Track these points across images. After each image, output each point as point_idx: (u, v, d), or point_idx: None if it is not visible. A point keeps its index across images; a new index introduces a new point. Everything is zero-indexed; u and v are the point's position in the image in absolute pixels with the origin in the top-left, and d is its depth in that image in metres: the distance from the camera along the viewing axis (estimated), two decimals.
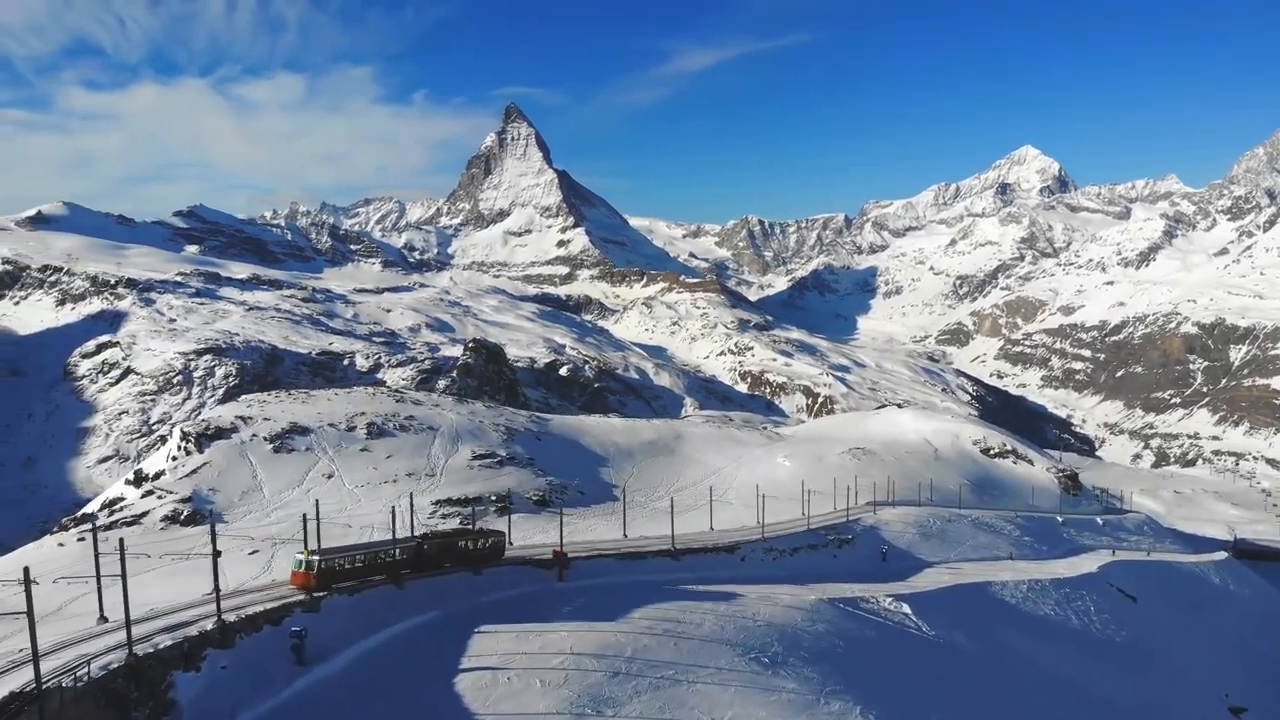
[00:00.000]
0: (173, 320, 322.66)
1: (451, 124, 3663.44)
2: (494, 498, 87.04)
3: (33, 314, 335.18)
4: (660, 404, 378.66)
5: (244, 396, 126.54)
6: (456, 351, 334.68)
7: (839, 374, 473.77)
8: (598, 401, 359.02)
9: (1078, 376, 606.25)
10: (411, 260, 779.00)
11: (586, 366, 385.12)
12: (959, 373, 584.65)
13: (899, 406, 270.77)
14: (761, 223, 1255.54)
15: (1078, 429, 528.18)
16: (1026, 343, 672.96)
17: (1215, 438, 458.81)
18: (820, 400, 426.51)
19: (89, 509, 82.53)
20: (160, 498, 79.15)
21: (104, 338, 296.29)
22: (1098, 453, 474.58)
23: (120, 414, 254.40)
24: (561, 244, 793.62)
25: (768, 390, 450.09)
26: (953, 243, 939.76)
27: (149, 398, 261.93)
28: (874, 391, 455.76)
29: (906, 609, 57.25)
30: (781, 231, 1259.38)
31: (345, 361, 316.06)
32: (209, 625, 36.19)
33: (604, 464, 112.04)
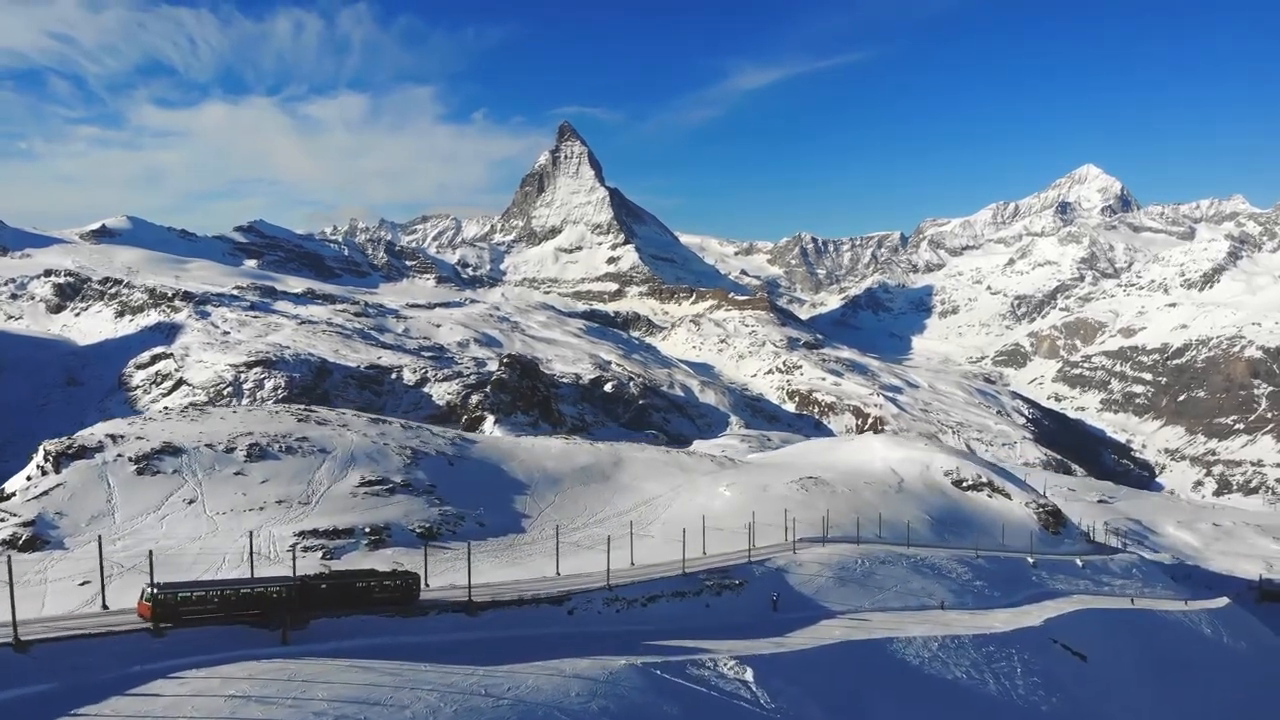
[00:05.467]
0: (226, 333, 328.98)
1: (510, 143, 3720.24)
2: (367, 530, 79.10)
3: (92, 325, 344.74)
4: (705, 421, 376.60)
5: (131, 415, 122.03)
6: None
7: (890, 394, 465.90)
8: (641, 418, 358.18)
9: (1138, 400, 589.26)
10: (465, 276, 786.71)
11: (631, 383, 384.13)
12: (1015, 395, 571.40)
13: (874, 432, 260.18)
14: (815, 240, 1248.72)
15: (1137, 454, 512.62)
16: (1086, 365, 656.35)
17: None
18: (870, 421, 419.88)
19: None
20: (3, 520, 73.80)
21: (159, 349, 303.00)
22: (1158, 479, 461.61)
23: None
24: (611, 261, 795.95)
25: (816, 410, 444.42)
26: (1011, 262, 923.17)
27: (199, 409, 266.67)
28: (926, 413, 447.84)
29: (749, 674, 46.84)
30: (835, 249, 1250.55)
31: (393, 375, 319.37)
32: None
33: (523, 491, 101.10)
